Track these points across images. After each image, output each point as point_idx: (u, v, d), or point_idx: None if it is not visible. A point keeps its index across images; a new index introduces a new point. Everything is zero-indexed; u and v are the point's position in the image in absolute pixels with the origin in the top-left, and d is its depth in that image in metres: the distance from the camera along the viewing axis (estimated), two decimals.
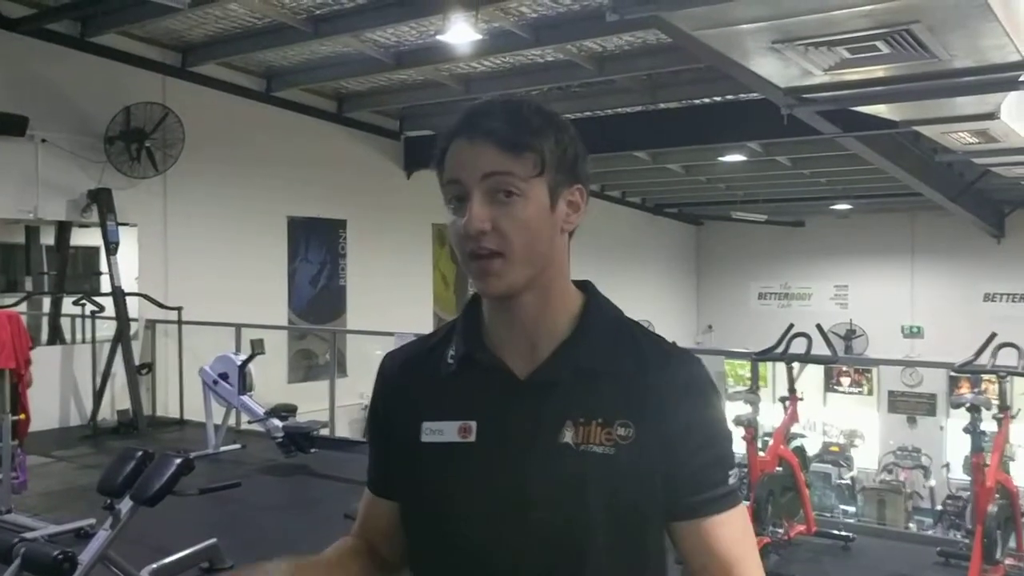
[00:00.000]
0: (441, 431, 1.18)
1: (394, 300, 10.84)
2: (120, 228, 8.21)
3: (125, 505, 3.57)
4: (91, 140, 8.20)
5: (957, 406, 4.25)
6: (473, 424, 1.16)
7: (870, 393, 15.43)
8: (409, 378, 1.26)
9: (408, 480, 1.23)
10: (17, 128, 7.65)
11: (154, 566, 3.95)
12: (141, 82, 8.55)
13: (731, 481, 1.19)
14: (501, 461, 1.15)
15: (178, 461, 3.59)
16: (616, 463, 1.14)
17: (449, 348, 1.24)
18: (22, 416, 5.15)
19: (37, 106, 7.77)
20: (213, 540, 4.36)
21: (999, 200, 13.68)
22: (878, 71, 4.26)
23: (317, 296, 10.69)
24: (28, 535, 4.42)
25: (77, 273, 9.45)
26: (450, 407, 1.19)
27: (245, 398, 6.84)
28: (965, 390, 8.96)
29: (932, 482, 11.82)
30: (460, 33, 7.60)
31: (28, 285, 9.37)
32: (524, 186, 1.12)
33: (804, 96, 4.69)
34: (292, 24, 7.77)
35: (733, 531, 1.18)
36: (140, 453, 3.70)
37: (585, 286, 1.24)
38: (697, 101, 9.50)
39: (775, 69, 4.28)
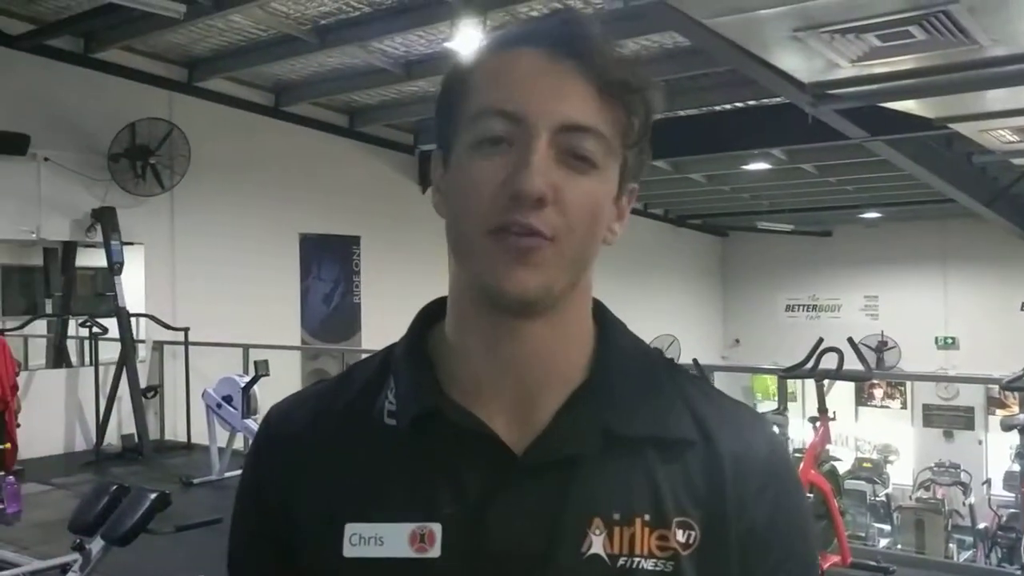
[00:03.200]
0: (380, 539, 0.74)
1: (410, 318, 10.51)
2: (126, 247, 8.01)
3: (96, 544, 3.31)
4: (95, 158, 8.01)
5: (1009, 428, 3.89)
6: (436, 529, 0.74)
7: (904, 407, 15.02)
8: (321, 446, 0.80)
9: None
10: (18, 147, 7.47)
11: None
12: (147, 98, 8.36)
13: None
14: None
15: (153, 496, 3.33)
16: None
17: (382, 397, 0.80)
18: (7, 445, 4.92)
19: (38, 124, 7.59)
20: None
21: None
22: (910, 62, 3.93)
23: (331, 315, 10.43)
24: (6, 573, 4.18)
25: (85, 294, 9.26)
26: (395, 499, 0.75)
27: (249, 421, 6.59)
28: (1014, 407, 8.52)
29: (972, 499, 11.40)
30: (469, 39, 7.35)
31: (48, 307, 9.18)
32: (604, 157, 0.76)
33: (829, 92, 4.37)
34: (297, 35, 7.58)
35: None
36: (115, 487, 3.44)
37: (593, 308, 0.83)
38: (718, 108, 9.19)
39: (797, 62, 3.97)
